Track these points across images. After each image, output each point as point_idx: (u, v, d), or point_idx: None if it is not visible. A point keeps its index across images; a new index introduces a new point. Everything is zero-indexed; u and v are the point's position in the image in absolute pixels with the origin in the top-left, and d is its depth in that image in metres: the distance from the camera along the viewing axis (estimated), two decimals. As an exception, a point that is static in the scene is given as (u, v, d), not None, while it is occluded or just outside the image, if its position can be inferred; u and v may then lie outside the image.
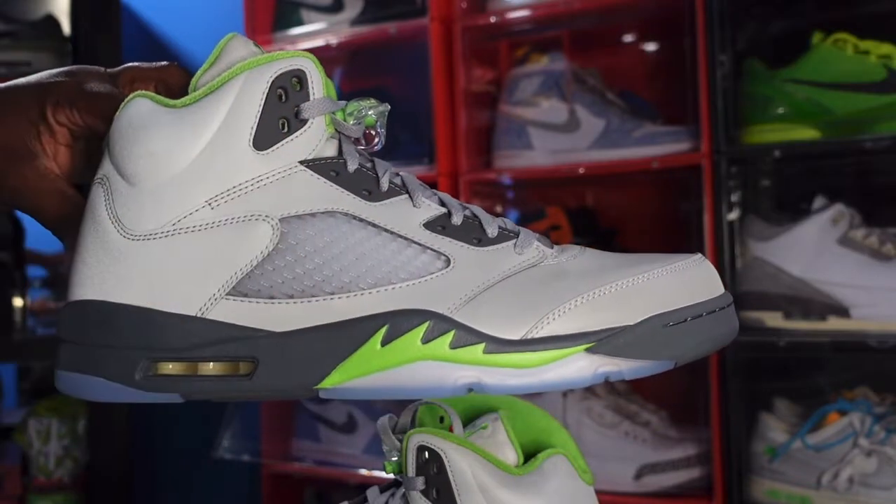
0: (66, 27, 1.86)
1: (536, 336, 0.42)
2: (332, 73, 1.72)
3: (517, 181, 1.58)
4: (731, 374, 1.30)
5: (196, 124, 0.43)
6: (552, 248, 0.46)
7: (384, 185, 0.45)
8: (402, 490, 0.52)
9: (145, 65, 0.50)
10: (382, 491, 0.55)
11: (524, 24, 1.53)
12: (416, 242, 0.44)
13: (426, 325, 0.42)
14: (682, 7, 1.36)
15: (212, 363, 0.43)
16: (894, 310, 1.22)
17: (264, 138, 0.44)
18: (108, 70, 0.50)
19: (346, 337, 0.42)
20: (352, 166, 0.45)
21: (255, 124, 0.44)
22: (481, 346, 0.42)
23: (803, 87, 1.28)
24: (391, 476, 0.54)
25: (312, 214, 0.44)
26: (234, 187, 0.43)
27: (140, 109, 0.44)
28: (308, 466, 1.64)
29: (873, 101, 1.25)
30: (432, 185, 1.65)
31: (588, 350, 0.42)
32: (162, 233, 0.43)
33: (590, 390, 1.41)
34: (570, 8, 1.43)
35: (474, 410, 0.55)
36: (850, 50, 1.27)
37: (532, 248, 0.45)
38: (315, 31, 1.63)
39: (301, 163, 0.44)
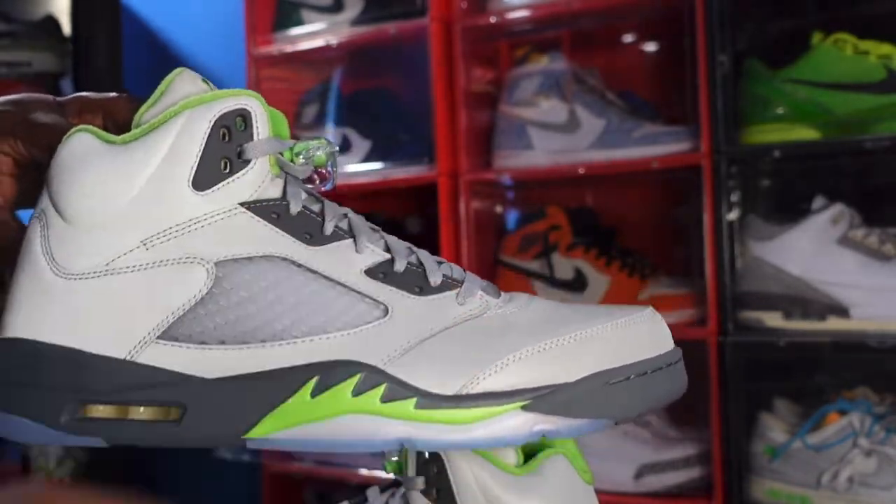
0: (66, 27, 1.86)
1: (471, 392, 0.41)
2: (332, 73, 1.72)
3: (517, 181, 1.58)
4: (731, 374, 1.30)
5: (135, 163, 0.43)
6: (498, 296, 0.45)
7: (328, 228, 0.44)
8: (403, 490, 0.52)
9: (94, 95, 0.49)
10: (382, 491, 0.54)
11: (524, 24, 1.53)
12: (354, 290, 0.43)
13: (357, 377, 0.41)
14: (682, 7, 1.36)
15: (142, 407, 0.42)
16: (894, 310, 1.22)
17: (204, 178, 0.43)
18: (58, 99, 0.49)
19: (277, 387, 0.41)
20: (294, 209, 0.44)
21: (196, 164, 0.43)
22: (412, 401, 0.41)
23: (803, 87, 1.28)
24: (391, 476, 0.54)
25: (249, 258, 0.43)
26: (170, 228, 0.42)
27: (81, 145, 0.43)
28: (308, 466, 1.64)
29: (873, 101, 1.25)
30: (432, 185, 1.64)
31: (523, 408, 0.41)
32: (95, 273, 0.42)
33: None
34: (570, 8, 1.43)
35: None
36: (850, 50, 1.27)
37: (475, 299, 0.44)
38: (315, 31, 1.63)
39: (241, 204, 0.43)
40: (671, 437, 1.40)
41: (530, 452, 0.53)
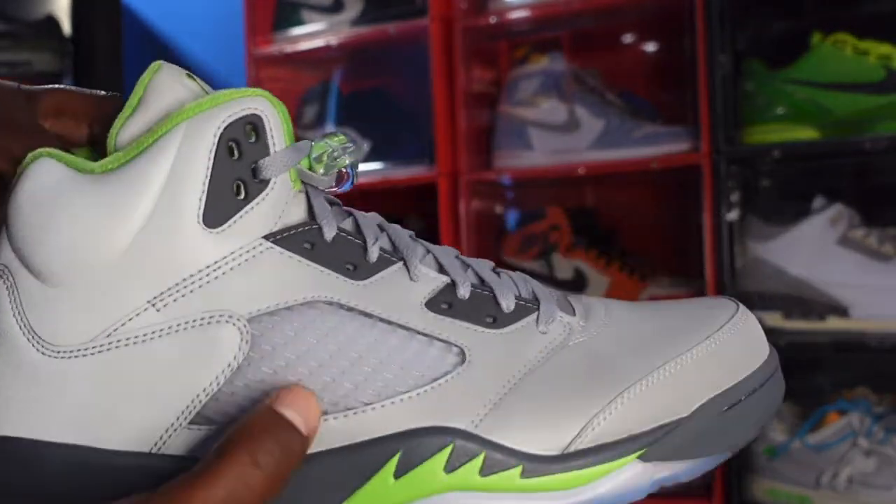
0: (66, 27, 1.87)
1: (581, 448, 0.35)
2: (332, 73, 1.72)
3: (517, 181, 1.58)
4: (731, 374, 1.30)
5: (126, 197, 0.33)
6: (574, 313, 0.38)
7: (373, 254, 0.36)
8: None
9: (79, 93, 0.37)
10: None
11: (524, 24, 1.53)
12: (419, 333, 0.35)
13: (449, 448, 0.34)
14: (682, 7, 1.36)
15: None
16: (894, 310, 1.22)
17: (217, 211, 0.33)
18: (26, 88, 0.37)
19: (349, 469, 0.34)
20: (329, 233, 0.35)
21: (204, 193, 0.33)
22: (518, 469, 0.34)
23: (803, 87, 1.28)
24: None
25: (289, 308, 0.34)
26: (183, 280, 0.33)
27: (47, 178, 0.33)
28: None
29: (873, 101, 1.25)
30: (432, 185, 1.63)
31: (640, 458, 0.35)
32: (94, 347, 0.33)
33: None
34: (570, 8, 1.43)
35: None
36: (850, 50, 1.27)
37: (556, 323, 0.37)
38: (315, 31, 1.63)
39: (266, 238, 0.34)
40: (671, 437, 1.40)
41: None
